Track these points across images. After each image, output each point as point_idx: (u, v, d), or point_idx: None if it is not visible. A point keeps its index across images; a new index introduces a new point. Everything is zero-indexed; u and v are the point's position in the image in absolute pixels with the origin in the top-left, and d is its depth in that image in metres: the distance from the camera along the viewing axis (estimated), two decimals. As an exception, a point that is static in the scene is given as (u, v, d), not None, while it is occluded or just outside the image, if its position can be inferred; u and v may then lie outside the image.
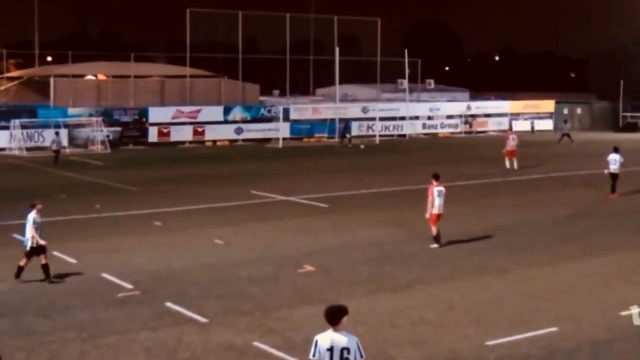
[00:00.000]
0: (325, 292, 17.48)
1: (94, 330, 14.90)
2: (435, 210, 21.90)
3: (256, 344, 14.05)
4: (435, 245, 21.81)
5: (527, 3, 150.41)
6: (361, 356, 9.38)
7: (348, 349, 9.28)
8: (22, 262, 18.48)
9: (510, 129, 43.82)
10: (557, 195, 31.87)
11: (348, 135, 56.87)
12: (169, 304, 16.43)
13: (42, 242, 18.43)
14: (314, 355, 9.30)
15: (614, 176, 30.90)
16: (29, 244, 18.41)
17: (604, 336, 14.52)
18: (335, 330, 9.27)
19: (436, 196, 21.93)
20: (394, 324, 15.23)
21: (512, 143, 39.77)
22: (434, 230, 22.04)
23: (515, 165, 39.02)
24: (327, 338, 9.29)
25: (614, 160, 30.91)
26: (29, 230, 18.45)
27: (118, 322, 15.42)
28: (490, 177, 36.72)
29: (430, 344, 14.10)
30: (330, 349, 9.23)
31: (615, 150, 31.44)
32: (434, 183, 22.30)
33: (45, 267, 18.36)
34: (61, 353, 13.71)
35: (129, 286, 17.84)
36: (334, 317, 9.31)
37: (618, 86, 72.34)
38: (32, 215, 18.71)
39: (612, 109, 75.49)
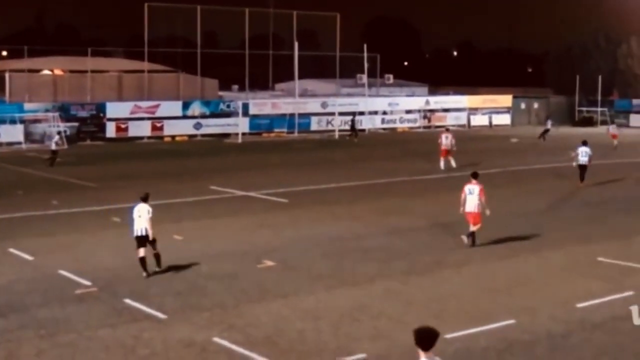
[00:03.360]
0: (286, 287, 17.49)
1: (52, 328, 14.75)
2: (469, 209, 21.15)
3: (216, 340, 14.01)
4: (465, 240, 21.11)
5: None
6: None
7: None
8: None
9: (447, 128, 43.88)
10: (515, 189, 32.18)
11: (353, 129, 57.06)
12: (127, 301, 16.32)
13: None
14: None
15: (582, 167, 32.29)
16: None
17: (561, 328, 14.69)
18: (427, 356, 8.40)
19: (467, 194, 21.23)
20: (354, 318, 15.27)
21: (445, 142, 38.20)
22: (473, 227, 21.23)
23: (453, 164, 37.62)
24: None
25: (584, 153, 32.38)
26: None
27: (76, 319, 15.28)
28: (448, 172, 36.92)
29: (390, 338, 14.15)
30: None
31: (584, 143, 32.93)
32: (473, 181, 21.56)
33: None
34: (18, 352, 13.55)
35: (87, 283, 17.70)
36: (429, 341, 8.41)
37: (574, 81, 73.42)
38: None
39: (568, 103, 76.55)
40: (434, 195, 30.55)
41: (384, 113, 67.23)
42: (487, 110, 72.01)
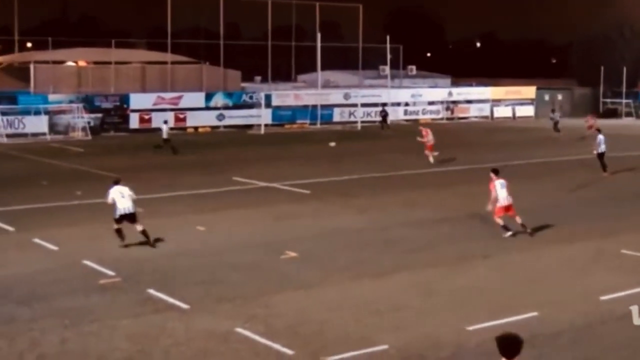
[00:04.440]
0: (308, 278, 17.52)
1: (76, 317, 14.86)
2: (503, 202, 21.31)
3: (239, 330, 14.06)
4: (509, 234, 21.26)
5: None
6: None
7: None
8: None
9: (425, 124, 44.28)
10: (539, 181, 31.99)
11: (387, 119, 57.03)
12: (151, 291, 16.41)
13: None
14: None
15: (602, 156, 32.31)
16: None
17: (584, 321, 14.62)
18: None
19: (499, 189, 21.36)
20: (376, 310, 15.27)
21: (427, 136, 37.55)
22: (499, 221, 21.38)
23: (431, 160, 36.77)
24: None
25: (603, 140, 32.60)
26: None
27: (100, 309, 15.38)
28: (472, 164, 36.79)
29: (411, 329, 14.16)
30: None
31: (599, 131, 33.47)
32: (494, 177, 21.68)
33: None
34: (42, 341, 13.67)
35: (111, 273, 17.80)
36: (513, 348, 8.03)
37: (598, 73, 72.68)
38: None
39: (592, 95, 75.86)
40: (456, 187, 30.43)
41: (407, 104, 67.03)
42: (511, 101, 71.54)
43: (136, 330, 14.14)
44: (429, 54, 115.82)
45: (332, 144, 39.96)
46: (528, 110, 71.46)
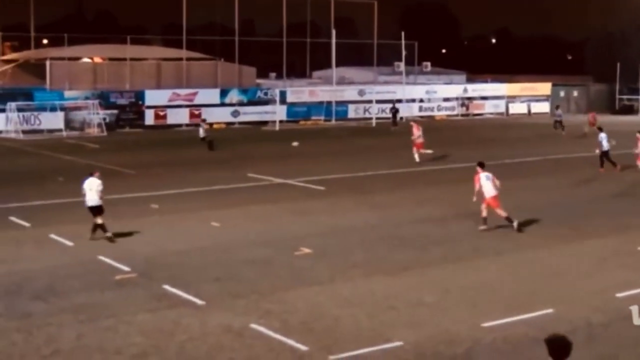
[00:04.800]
0: (322, 274, 17.53)
1: (92, 312, 14.93)
2: (491, 194, 21.60)
3: (253, 326, 14.08)
4: (483, 227, 21.61)
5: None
6: None
7: None
8: None
9: (415, 120, 43.96)
10: (553, 177, 31.88)
11: (398, 116, 56.94)
12: (166, 287, 16.46)
13: None
14: None
15: (606, 153, 32.28)
16: None
17: (599, 318, 14.56)
18: None
19: (484, 181, 21.66)
20: (391, 306, 15.26)
21: (417, 134, 36.65)
22: (484, 212, 21.70)
23: (417, 158, 36.18)
24: None
25: (606, 138, 32.58)
26: None
27: (115, 304, 15.45)
28: (487, 160, 36.59)
29: (427, 326, 14.14)
30: None
31: (600, 129, 33.62)
32: (480, 170, 22.05)
33: None
34: (58, 335, 13.74)
35: (126, 269, 17.86)
36: (562, 351, 7.84)
37: (614, 69, 72.30)
38: None
39: (608, 91, 75.47)
40: (470, 183, 30.31)
41: (421, 101, 66.92)
42: (526, 98, 71.30)
43: (151, 326, 14.19)
44: (444, 51, 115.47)
45: (295, 143, 39.55)
46: (544, 107, 71.17)
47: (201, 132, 42.53)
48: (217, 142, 42.00)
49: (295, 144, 40.38)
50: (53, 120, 51.92)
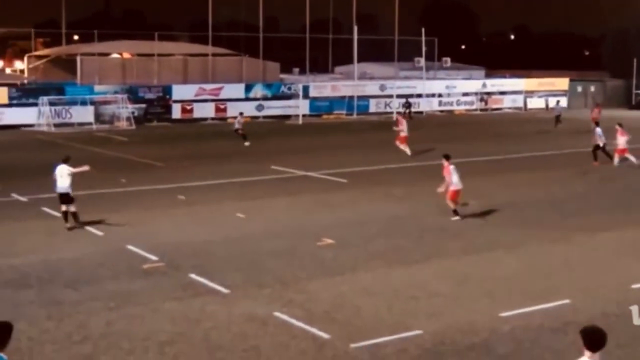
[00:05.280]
0: (344, 264, 17.53)
1: (121, 300, 15.02)
2: (456, 187, 22.06)
3: (277, 314, 14.12)
4: (456, 218, 21.96)
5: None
6: None
7: None
8: None
9: (402, 113, 43.97)
10: (569, 171, 31.65)
11: (408, 111, 56.79)
12: (192, 276, 16.53)
13: None
14: None
15: (603, 148, 32.26)
16: None
17: (615, 309, 14.46)
18: (592, 357, 7.68)
19: (453, 173, 22.02)
20: (410, 296, 15.25)
21: (402, 127, 36.52)
22: (451, 204, 22.16)
23: (408, 152, 36.00)
24: None
25: (602, 133, 32.63)
26: None
27: (143, 292, 15.53)
28: (505, 154, 36.58)
29: (445, 315, 14.12)
30: None
31: (597, 124, 33.92)
32: (447, 163, 22.40)
33: None
34: (89, 322, 13.83)
35: (154, 258, 17.95)
36: (598, 341, 7.67)
37: (631, 65, 71.75)
38: None
39: (625, 86, 74.89)
40: (489, 176, 30.26)
41: (440, 95, 66.68)
42: (544, 93, 70.87)
43: (178, 314, 14.25)
44: (463, 47, 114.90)
45: (247, 143, 38.87)
46: (561, 102, 70.65)
47: (236, 124, 42.24)
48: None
49: (247, 144, 39.05)
50: (83, 114, 52.19)
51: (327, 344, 12.75)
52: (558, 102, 57.87)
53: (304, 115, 57.01)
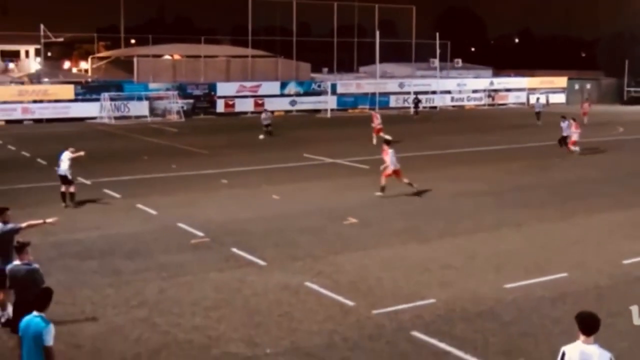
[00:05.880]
0: (366, 241, 17.50)
1: (172, 271, 15.12)
2: (395, 167, 22.64)
3: (308, 284, 14.13)
4: (379, 194, 22.49)
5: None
6: None
7: None
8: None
9: (373, 109, 43.69)
10: (565, 159, 31.33)
11: (419, 107, 56.46)
12: (234, 250, 16.58)
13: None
14: None
15: (565, 138, 32.35)
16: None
17: (608, 281, 14.34)
18: (586, 342, 7.24)
19: (392, 157, 22.64)
20: (425, 268, 15.20)
21: (377, 122, 36.99)
22: (382, 181, 22.72)
23: (375, 141, 35.59)
24: (576, 351, 7.24)
25: (566, 127, 32.69)
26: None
27: (191, 264, 15.62)
28: (508, 144, 36.29)
29: (456, 286, 14.06)
30: None
31: (564, 118, 33.39)
32: (387, 148, 22.96)
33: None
34: (144, 289, 13.94)
35: (200, 234, 18.03)
36: (592, 326, 7.28)
37: (623, 65, 70.91)
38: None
39: (618, 84, 74.04)
40: (496, 164, 30.06)
41: (451, 92, 66.22)
42: (544, 90, 70.20)
43: (221, 283, 14.31)
44: (473, 49, 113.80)
45: (261, 136, 38.48)
46: (560, 98, 70.08)
47: (265, 120, 41.58)
48: (277, 127, 42.05)
49: (261, 137, 38.88)
50: (139, 108, 52.55)
51: (352, 311, 12.75)
52: (538, 99, 57.17)
53: (332, 110, 56.86)
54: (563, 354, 7.23)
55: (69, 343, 11.39)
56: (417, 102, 57.05)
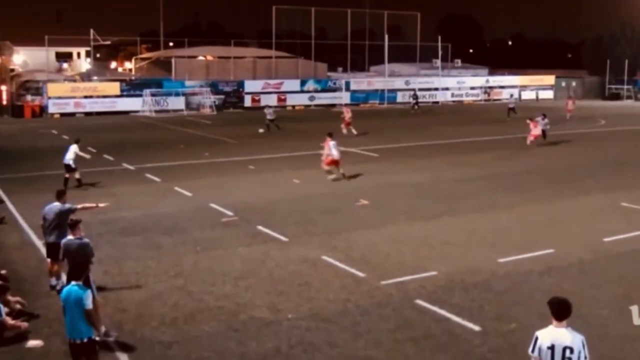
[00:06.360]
0: (376, 220, 17.46)
1: (205, 245, 15.17)
2: (333, 157, 22.68)
3: (324, 257, 14.13)
4: (332, 177, 22.64)
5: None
6: (585, 357, 6.61)
7: (571, 349, 6.54)
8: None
9: (345, 104, 43.71)
10: (555, 148, 31.06)
11: (416, 101, 56.12)
12: (259, 227, 16.59)
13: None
14: (532, 352, 6.72)
15: (543, 132, 31.55)
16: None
17: (590, 257, 14.22)
18: (558, 326, 6.69)
19: (332, 147, 22.58)
20: (427, 244, 15.15)
21: (348, 115, 36.80)
22: (325, 167, 22.88)
23: (354, 132, 35.91)
24: (548, 335, 6.67)
25: (544, 123, 31.84)
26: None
27: (222, 239, 15.65)
28: (502, 135, 35.99)
29: (455, 260, 14.00)
30: (552, 347, 6.57)
31: (544, 116, 32.52)
32: (329, 139, 22.90)
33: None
34: (181, 261, 14.00)
35: (230, 213, 18.06)
36: (562, 311, 6.70)
37: (605, 65, 70.28)
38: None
39: (600, 82, 73.37)
40: (489, 152, 29.84)
41: (449, 89, 65.72)
42: (534, 87, 69.61)
43: (248, 256, 14.34)
44: (471, 50, 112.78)
45: (261, 130, 37.95)
46: (548, 94, 69.49)
47: (269, 115, 39.60)
48: (298, 119, 41.96)
49: (261, 130, 38.32)
50: (176, 103, 52.66)
51: (363, 281, 12.74)
52: (512, 95, 56.57)
53: (346, 104, 56.62)
54: (536, 339, 6.72)
55: (116, 308, 11.47)
56: (415, 98, 56.69)
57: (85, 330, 8.37)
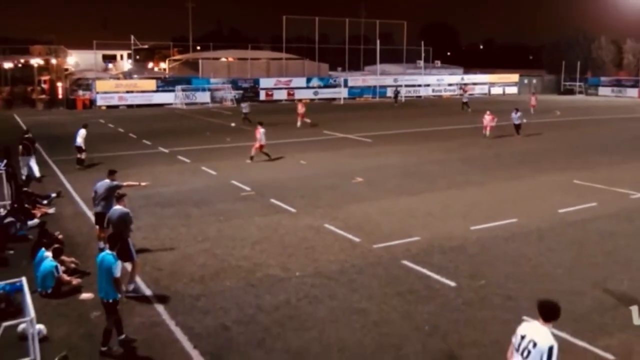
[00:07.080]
0: (369, 195, 17.41)
1: (227, 215, 15.15)
2: (261, 143, 22.58)
3: (327, 225, 14.12)
4: (249, 161, 22.30)
5: (504, 6, 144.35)
6: None
7: (535, 344, 5.74)
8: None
9: (300, 100, 43.41)
10: (519, 136, 30.88)
11: (399, 97, 55.74)
12: (272, 200, 16.58)
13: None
14: (515, 337, 6.02)
15: (517, 126, 30.22)
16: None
17: (547, 225, 14.17)
18: (543, 324, 5.86)
19: (262, 134, 22.53)
20: (411, 215, 15.11)
21: (301, 110, 35.29)
22: (253, 152, 22.60)
23: (308, 121, 34.60)
24: (528, 327, 5.94)
25: (517, 117, 30.36)
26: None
27: (241, 211, 15.64)
28: (472, 124, 35.78)
29: (434, 228, 13.98)
30: (523, 337, 5.88)
31: (517, 110, 30.97)
32: (260, 127, 22.78)
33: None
34: (207, 229, 14.00)
35: (248, 189, 18.04)
36: (550, 313, 5.87)
37: (561, 65, 69.95)
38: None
39: (556, 80, 73.03)
40: (464, 138, 29.69)
41: (430, 85, 65.31)
42: (501, 84, 69.15)
43: (263, 224, 14.33)
44: (449, 53, 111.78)
45: (233, 124, 36.81)
46: (513, 90, 69.09)
47: (245, 109, 37.36)
48: (306, 112, 41.69)
49: (233, 124, 36.85)
50: (203, 97, 52.51)
51: (358, 245, 12.74)
52: (465, 90, 56.26)
53: (344, 98, 56.47)
54: (519, 327, 6.03)
55: (153, 267, 11.49)
56: (397, 93, 56.30)
57: (112, 293, 8.38)
